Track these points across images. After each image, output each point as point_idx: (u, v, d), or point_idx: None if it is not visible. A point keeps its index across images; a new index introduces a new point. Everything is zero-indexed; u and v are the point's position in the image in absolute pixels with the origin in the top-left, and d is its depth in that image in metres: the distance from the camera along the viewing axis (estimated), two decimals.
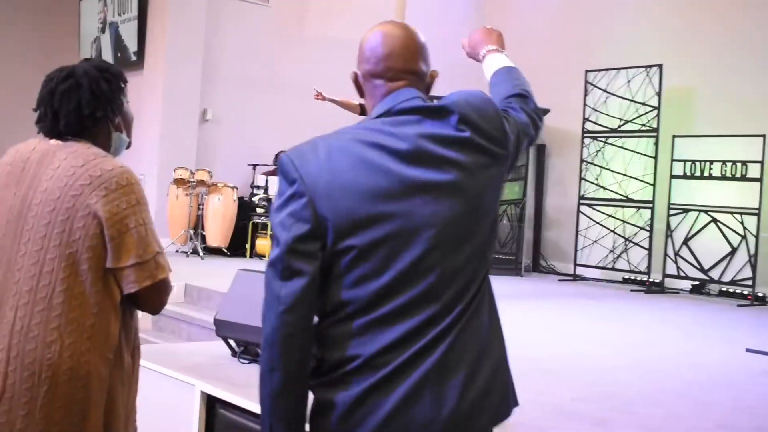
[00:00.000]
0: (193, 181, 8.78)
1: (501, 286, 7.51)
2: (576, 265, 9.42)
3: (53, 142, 1.93)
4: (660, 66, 8.65)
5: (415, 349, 1.44)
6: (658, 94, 8.69)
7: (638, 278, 8.94)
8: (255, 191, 9.40)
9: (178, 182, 8.89)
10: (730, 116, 8.54)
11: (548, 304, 7.19)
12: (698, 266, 8.39)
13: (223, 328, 3.73)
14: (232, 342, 3.76)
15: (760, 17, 8.56)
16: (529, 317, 6.24)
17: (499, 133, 1.56)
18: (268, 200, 8.98)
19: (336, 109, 10.72)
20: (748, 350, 4.77)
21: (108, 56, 9.66)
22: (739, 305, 7.79)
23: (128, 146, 2.07)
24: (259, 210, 9.10)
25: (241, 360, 3.69)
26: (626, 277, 9.11)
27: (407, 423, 1.43)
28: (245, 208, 9.27)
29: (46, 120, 1.93)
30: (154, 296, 1.87)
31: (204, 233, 9.00)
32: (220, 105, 9.67)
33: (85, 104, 1.91)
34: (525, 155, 10.31)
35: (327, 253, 1.47)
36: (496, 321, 1.56)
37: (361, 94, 1.63)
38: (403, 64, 1.59)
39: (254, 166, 9.55)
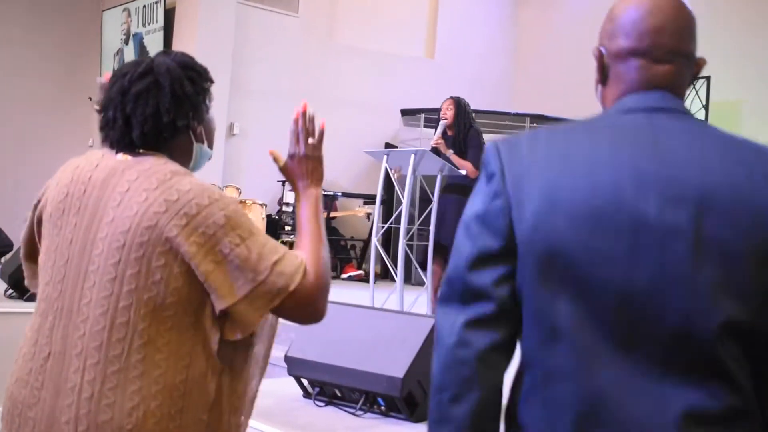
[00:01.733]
0: None
1: None
2: None
3: (121, 157, 1.55)
4: (708, 78, 8.32)
5: None
6: (705, 107, 8.36)
7: None
8: (284, 208, 9.06)
9: None
10: None
11: None
12: None
13: (295, 367, 3.38)
14: (305, 381, 3.41)
15: None
16: None
17: None
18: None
19: (373, 121, 10.46)
20: None
21: None
22: None
23: (209, 159, 1.72)
24: (287, 228, 8.76)
25: (317, 402, 3.33)
26: None
27: None
28: (274, 225, 8.93)
29: (115, 127, 1.56)
30: (296, 309, 1.48)
31: None
32: (248, 118, 9.34)
33: (166, 110, 1.54)
34: None
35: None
36: None
37: (603, 78, 1.27)
38: (675, 42, 1.21)
39: (283, 182, 9.19)
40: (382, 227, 5.72)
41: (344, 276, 9.11)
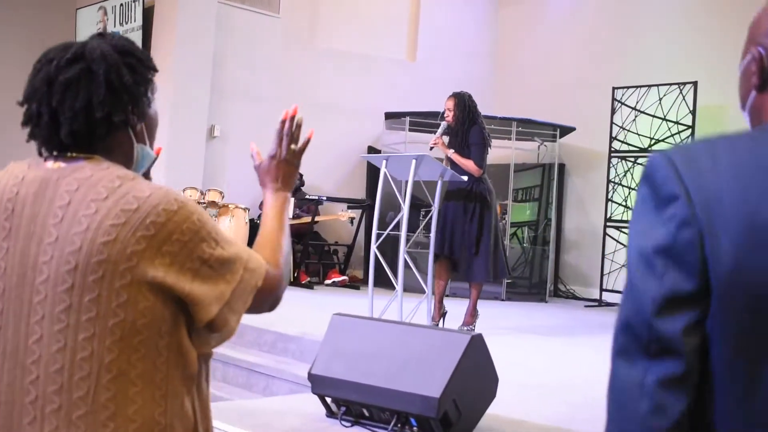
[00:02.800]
0: (204, 203, 8.21)
1: (534, 314, 6.99)
2: (602, 290, 9.01)
3: (52, 165, 1.32)
4: (695, 83, 8.31)
5: None
6: (693, 113, 8.34)
7: None
8: None
9: None
10: None
11: (596, 338, 6.72)
12: None
13: (319, 385, 3.20)
14: (329, 400, 3.24)
15: None
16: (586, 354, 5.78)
17: None
18: None
19: (355, 125, 10.29)
20: None
21: None
22: None
23: (152, 162, 1.47)
24: None
25: (343, 422, 3.16)
26: None
27: None
28: (257, 230, 8.69)
29: (40, 123, 1.33)
30: (260, 303, 1.37)
31: None
32: (229, 121, 9.10)
33: (99, 103, 1.30)
34: (539, 174, 9.92)
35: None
36: None
37: (763, 83, 1.07)
38: None
39: None
40: (381, 234, 5.55)
41: (328, 282, 8.92)
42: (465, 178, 5.54)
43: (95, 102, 1.31)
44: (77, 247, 1.23)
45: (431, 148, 5.60)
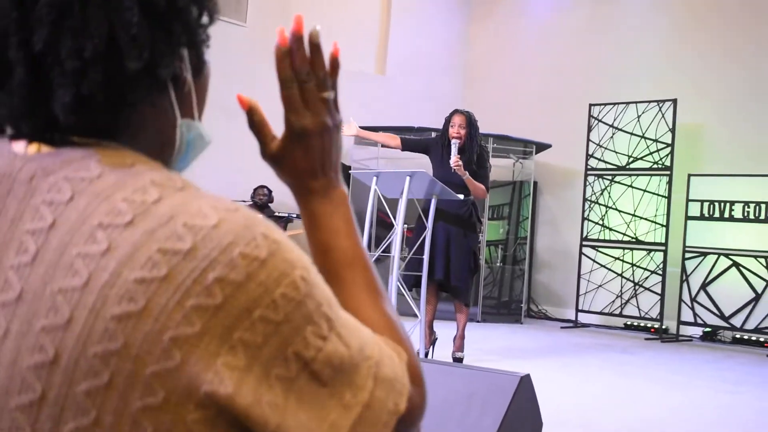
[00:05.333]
0: None
1: (513, 335, 6.70)
2: (578, 311, 8.79)
3: (21, 147, 0.73)
4: (674, 101, 8.18)
5: None
6: (672, 131, 8.21)
7: (642, 324, 8.40)
8: None
9: None
10: (747, 155, 8.14)
11: (587, 361, 6.48)
12: (718, 313, 7.89)
13: None
14: None
15: None
16: (587, 381, 5.52)
17: None
18: None
19: None
20: None
21: None
22: None
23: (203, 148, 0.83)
24: None
25: None
26: (628, 323, 8.55)
27: None
28: None
29: (4, 84, 0.70)
30: None
31: None
32: None
33: (131, 41, 0.68)
34: (509, 192, 9.69)
35: None
36: None
37: None
38: None
39: (255, 202, 8.57)
40: (373, 255, 5.21)
41: None
42: (461, 196, 5.24)
43: (123, 39, 0.68)
44: (62, 320, 0.63)
45: (453, 171, 5.26)
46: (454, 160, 5.21)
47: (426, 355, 5.38)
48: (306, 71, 0.82)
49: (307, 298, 0.66)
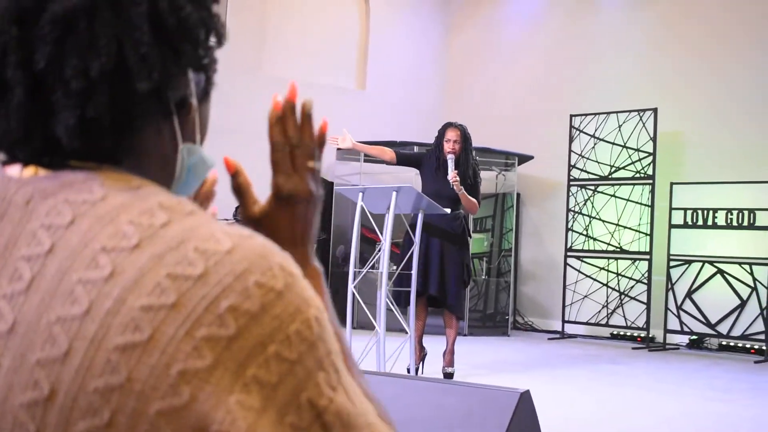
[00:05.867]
0: None
1: (501, 348, 6.68)
2: (564, 322, 8.77)
3: (16, 170, 0.68)
4: (655, 110, 8.22)
5: None
6: (653, 140, 8.24)
7: (628, 333, 8.40)
8: None
9: None
10: (728, 163, 8.17)
11: (576, 372, 6.44)
12: (704, 320, 7.90)
13: None
14: None
15: (753, 60, 8.27)
16: (579, 392, 5.48)
17: None
18: None
19: None
20: None
21: None
22: (756, 362, 7.32)
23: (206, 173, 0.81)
24: None
25: None
26: (615, 333, 8.55)
27: None
28: None
29: (1, 107, 0.66)
30: None
31: None
32: None
33: (141, 61, 0.65)
34: (492, 205, 9.68)
35: None
36: None
37: None
38: None
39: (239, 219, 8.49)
40: (360, 272, 5.15)
41: None
42: (448, 210, 5.21)
43: (132, 58, 0.64)
44: (59, 352, 0.58)
45: (451, 186, 5.22)
46: (452, 176, 5.19)
47: (416, 371, 5.32)
48: (297, 138, 0.85)
49: (319, 341, 0.62)
